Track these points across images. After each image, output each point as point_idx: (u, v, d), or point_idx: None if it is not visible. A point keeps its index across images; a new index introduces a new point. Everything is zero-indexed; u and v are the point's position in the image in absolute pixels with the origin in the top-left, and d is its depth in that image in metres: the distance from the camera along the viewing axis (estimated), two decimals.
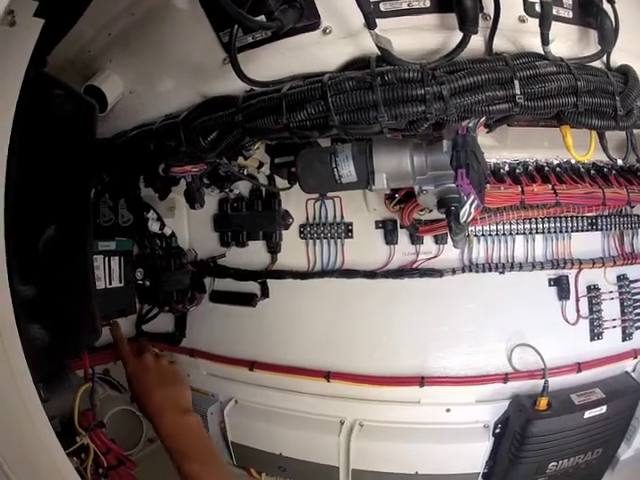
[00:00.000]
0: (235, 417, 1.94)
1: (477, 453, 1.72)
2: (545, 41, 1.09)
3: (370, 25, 1.01)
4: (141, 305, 2.03)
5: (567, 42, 1.18)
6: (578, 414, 1.62)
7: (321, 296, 1.89)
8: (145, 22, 1.32)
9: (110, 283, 1.69)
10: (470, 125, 1.17)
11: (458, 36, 1.10)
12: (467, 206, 1.15)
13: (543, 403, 1.63)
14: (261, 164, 1.76)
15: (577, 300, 1.79)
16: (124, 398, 1.85)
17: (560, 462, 1.66)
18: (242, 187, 1.96)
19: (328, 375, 1.84)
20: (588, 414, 1.63)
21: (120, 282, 1.74)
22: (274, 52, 1.20)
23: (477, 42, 1.12)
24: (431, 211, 1.60)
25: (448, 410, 1.77)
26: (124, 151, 1.52)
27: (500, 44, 1.13)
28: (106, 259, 1.68)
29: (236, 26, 1.09)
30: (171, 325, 2.13)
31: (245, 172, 1.73)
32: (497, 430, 1.73)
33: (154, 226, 1.93)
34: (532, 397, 1.67)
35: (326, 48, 1.17)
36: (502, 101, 1.05)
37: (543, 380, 1.66)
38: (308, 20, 1.13)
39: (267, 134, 1.23)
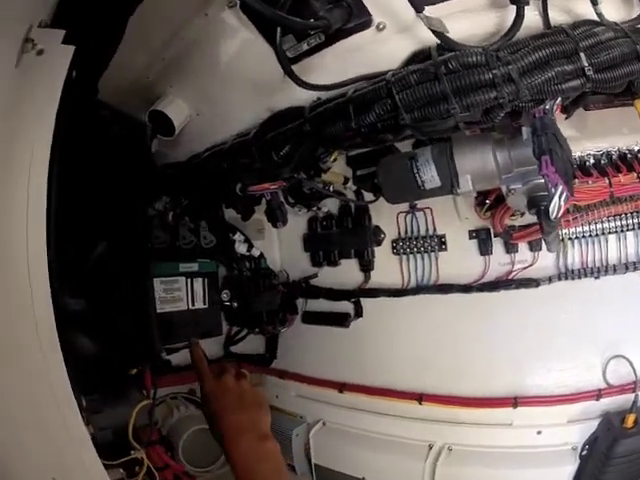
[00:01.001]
0: (321, 439, 1.90)
1: (562, 477, 1.56)
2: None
3: (417, 7, 0.97)
4: (230, 327, 2.06)
5: (614, 6, 1.11)
6: None
7: (415, 314, 1.81)
8: (198, 44, 1.33)
9: (193, 304, 1.71)
10: (547, 107, 1.07)
11: (512, 12, 1.05)
12: (556, 199, 1.06)
13: (631, 420, 1.47)
14: (346, 179, 1.73)
15: None
16: None
17: None
18: (330, 205, 1.93)
19: (420, 397, 1.75)
20: None
21: (204, 304, 1.76)
22: (334, 56, 1.19)
23: (533, 17, 1.06)
24: (523, 214, 1.52)
25: (539, 432, 1.62)
26: (200, 173, 1.57)
27: (555, 16, 1.07)
28: (188, 280, 1.70)
29: (279, 28, 1.09)
30: (261, 346, 2.14)
31: (331, 189, 1.70)
32: (584, 452, 1.57)
33: (241, 248, 1.94)
34: (621, 414, 1.51)
35: (384, 45, 1.14)
36: (573, 76, 0.99)
37: (634, 395, 1.49)
38: (359, 18, 1.11)
39: (339, 142, 1.22)
